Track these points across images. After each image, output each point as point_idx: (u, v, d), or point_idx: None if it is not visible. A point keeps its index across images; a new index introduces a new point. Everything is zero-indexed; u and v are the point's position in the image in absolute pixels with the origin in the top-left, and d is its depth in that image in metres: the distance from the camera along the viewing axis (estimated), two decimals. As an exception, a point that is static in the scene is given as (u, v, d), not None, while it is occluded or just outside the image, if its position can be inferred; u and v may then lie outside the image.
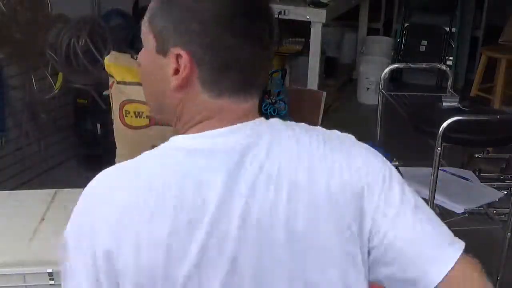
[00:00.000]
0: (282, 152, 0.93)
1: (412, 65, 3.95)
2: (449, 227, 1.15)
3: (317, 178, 0.93)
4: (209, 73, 0.92)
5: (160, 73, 0.95)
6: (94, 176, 1.02)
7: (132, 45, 4.39)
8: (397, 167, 1.51)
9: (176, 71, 0.92)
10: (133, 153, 1.67)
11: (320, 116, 4.93)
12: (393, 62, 5.06)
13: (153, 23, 0.94)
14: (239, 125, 0.94)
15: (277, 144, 0.94)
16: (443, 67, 3.72)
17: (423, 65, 4.24)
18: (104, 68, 1.69)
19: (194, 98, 0.94)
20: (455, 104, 2.88)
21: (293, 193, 0.91)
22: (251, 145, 0.92)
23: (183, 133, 0.97)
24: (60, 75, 3.77)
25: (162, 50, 0.93)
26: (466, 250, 1.08)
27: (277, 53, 5.32)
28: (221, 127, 0.93)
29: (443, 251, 0.98)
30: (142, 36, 0.98)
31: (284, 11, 4.77)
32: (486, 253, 2.79)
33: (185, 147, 0.93)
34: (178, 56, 0.91)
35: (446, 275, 0.95)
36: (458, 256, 0.98)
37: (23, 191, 2.21)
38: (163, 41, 0.93)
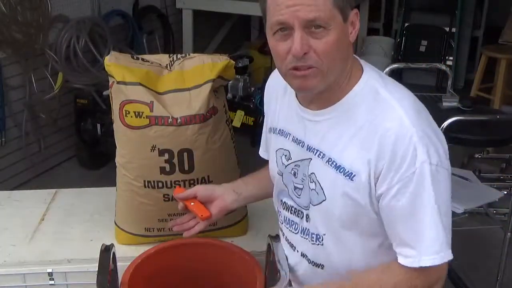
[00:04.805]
0: None
1: (412, 65, 3.95)
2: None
3: None
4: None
5: (346, 38, 1.20)
6: (94, 176, 1.03)
7: (132, 45, 4.40)
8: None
9: (352, 28, 1.21)
10: (133, 153, 1.68)
11: (320, 116, 4.93)
12: (393, 62, 5.05)
13: (335, 2, 1.15)
14: None
15: None
16: (443, 67, 3.71)
17: (423, 65, 4.24)
18: (104, 68, 1.68)
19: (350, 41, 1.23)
20: (455, 104, 2.89)
21: None
22: None
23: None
24: (60, 75, 3.77)
25: (345, 18, 1.18)
26: (466, 251, 1.13)
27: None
28: None
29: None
30: (327, 20, 1.14)
31: (284, 11, 4.78)
32: (486, 253, 2.81)
33: None
34: (356, 14, 1.21)
35: None
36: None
37: (23, 191, 2.21)
38: (345, 11, 1.17)
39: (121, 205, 1.73)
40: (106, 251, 1.47)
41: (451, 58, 5.42)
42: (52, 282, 1.64)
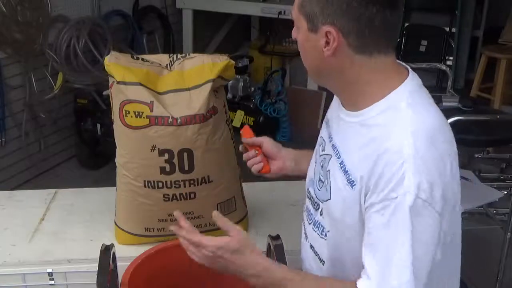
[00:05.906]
0: None
1: (412, 65, 3.92)
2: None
3: None
4: (355, 40, 1.14)
5: (313, 46, 1.18)
6: (94, 176, 1.03)
7: (132, 45, 4.40)
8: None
9: (327, 44, 1.15)
10: (133, 153, 1.68)
11: (320, 116, 4.93)
12: (393, 62, 5.05)
13: (303, 8, 1.16)
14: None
15: None
16: (443, 67, 3.71)
17: (423, 65, 4.22)
18: (104, 68, 1.68)
19: (352, 61, 1.17)
20: (455, 104, 2.89)
21: None
22: None
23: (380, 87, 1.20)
24: (60, 75, 3.77)
25: (313, 29, 1.16)
26: (466, 251, 1.12)
27: (277, 53, 5.34)
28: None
29: None
30: (295, 19, 1.20)
31: (284, 11, 4.78)
32: (486, 253, 2.81)
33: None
34: (327, 33, 1.13)
35: None
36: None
37: (23, 191, 2.21)
38: (313, 22, 1.15)
39: (121, 205, 1.73)
40: (106, 251, 1.47)
41: (451, 58, 5.41)
42: (52, 282, 1.64)
